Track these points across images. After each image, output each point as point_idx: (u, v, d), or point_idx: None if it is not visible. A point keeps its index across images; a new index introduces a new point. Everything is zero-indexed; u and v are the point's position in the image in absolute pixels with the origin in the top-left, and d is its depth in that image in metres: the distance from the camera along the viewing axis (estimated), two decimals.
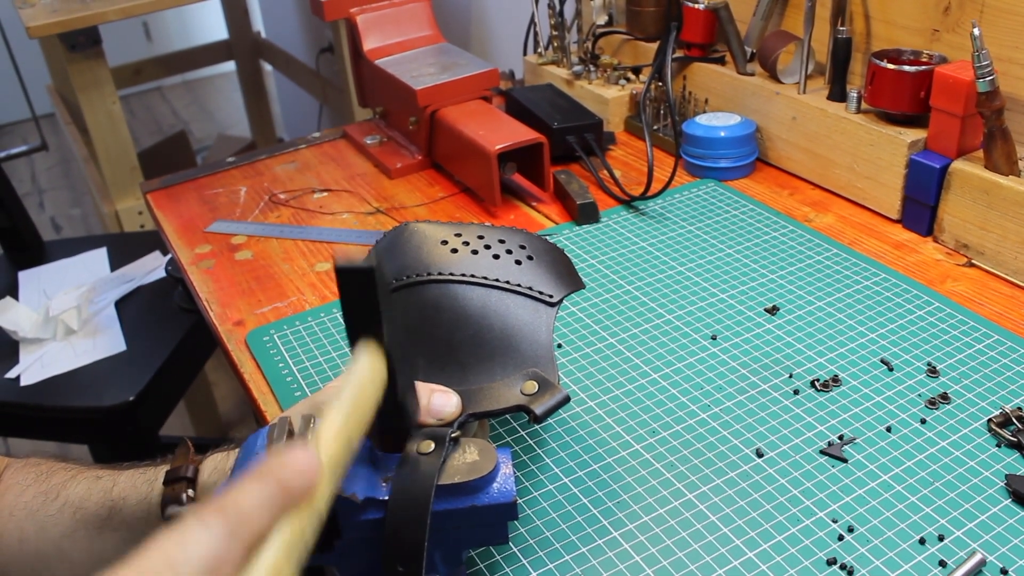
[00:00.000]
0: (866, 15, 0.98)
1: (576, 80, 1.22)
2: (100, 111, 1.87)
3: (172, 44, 3.95)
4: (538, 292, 0.63)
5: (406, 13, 1.20)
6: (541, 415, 0.56)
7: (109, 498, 0.62)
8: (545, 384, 0.57)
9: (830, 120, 0.97)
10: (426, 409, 0.55)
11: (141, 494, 0.61)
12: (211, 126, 4.03)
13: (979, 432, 0.66)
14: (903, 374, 0.72)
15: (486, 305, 0.61)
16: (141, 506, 0.60)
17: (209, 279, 0.95)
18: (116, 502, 0.61)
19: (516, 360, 0.59)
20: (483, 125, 1.04)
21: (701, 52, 1.13)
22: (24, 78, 2.51)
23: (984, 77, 0.80)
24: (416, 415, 0.54)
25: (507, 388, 0.58)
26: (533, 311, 0.61)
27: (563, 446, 0.67)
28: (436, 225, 0.66)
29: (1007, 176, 0.82)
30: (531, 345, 0.60)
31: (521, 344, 0.60)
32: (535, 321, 0.61)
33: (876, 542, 0.58)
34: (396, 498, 0.49)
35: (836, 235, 0.92)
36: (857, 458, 0.64)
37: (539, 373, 0.58)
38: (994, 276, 0.84)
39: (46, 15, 1.73)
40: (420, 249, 0.64)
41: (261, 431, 0.52)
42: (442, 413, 0.55)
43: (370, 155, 1.18)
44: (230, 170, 1.19)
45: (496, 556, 0.59)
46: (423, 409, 0.55)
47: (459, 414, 0.55)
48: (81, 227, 3.32)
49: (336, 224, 1.03)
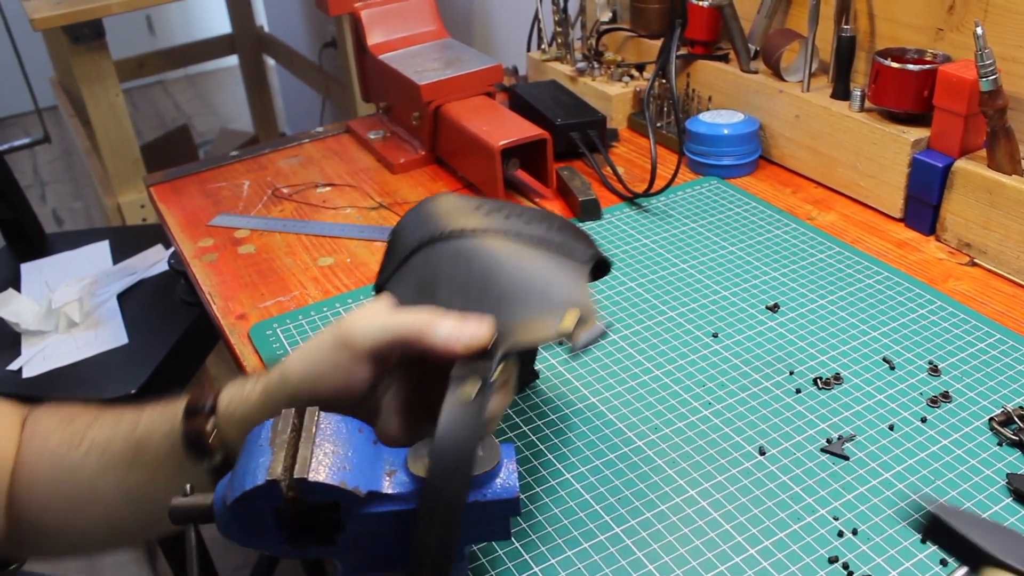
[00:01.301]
0: (870, 13, 0.98)
1: (580, 76, 1.22)
2: (103, 104, 1.87)
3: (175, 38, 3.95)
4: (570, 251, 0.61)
5: (410, 8, 1.20)
6: (580, 346, 0.54)
7: (134, 437, 0.62)
8: (584, 317, 0.55)
9: (833, 118, 0.97)
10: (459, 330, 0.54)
11: (164, 430, 0.61)
12: (213, 120, 4.03)
13: (980, 431, 0.66)
14: (905, 372, 0.72)
15: (520, 257, 0.59)
16: (165, 441, 0.60)
17: (212, 273, 0.95)
18: (141, 441, 0.62)
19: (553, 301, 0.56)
20: (487, 121, 1.04)
21: (705, 49, 1.13)
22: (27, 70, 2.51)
23: (987, 76, 0.80)
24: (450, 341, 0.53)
25: (544, 322, 0.55)
26: (567, 267, 0.60)
27: (565, 442, 0.68)
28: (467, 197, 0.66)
29: (1010, 175, 0.82)
30: (568, 291, 0.57)
31: (556, 290, 0.57)
32: (570, 275, 0.59)
33: (877, 540, 0.58)
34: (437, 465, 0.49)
35: (839, 233, 0.92)
36: (859, 456, 0.64)
37: (577, 305, 0.55)
38: (996, 275, 0.84)
39: (50, 7, 1.73)
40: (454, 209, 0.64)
41: (265, 424, 0.52)
42: (476, 336, 0.54)
43: (373, 150, 1.18)
44: (233, 164, 1.19)
45: (499, 551, 0.59)
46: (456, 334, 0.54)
47: (492, 337, 0.54)
48: (83, 220, 3.32)
49: (339, 219, 1.03)
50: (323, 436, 0.51)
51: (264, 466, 0.49)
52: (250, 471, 0.49)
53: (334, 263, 0.95)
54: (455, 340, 0.54)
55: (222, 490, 0.52)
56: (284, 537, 0.51)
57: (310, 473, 0.48)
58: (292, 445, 0.50)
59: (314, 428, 0.51)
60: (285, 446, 0.50)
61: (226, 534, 0.52)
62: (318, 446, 0.50)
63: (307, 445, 0.50)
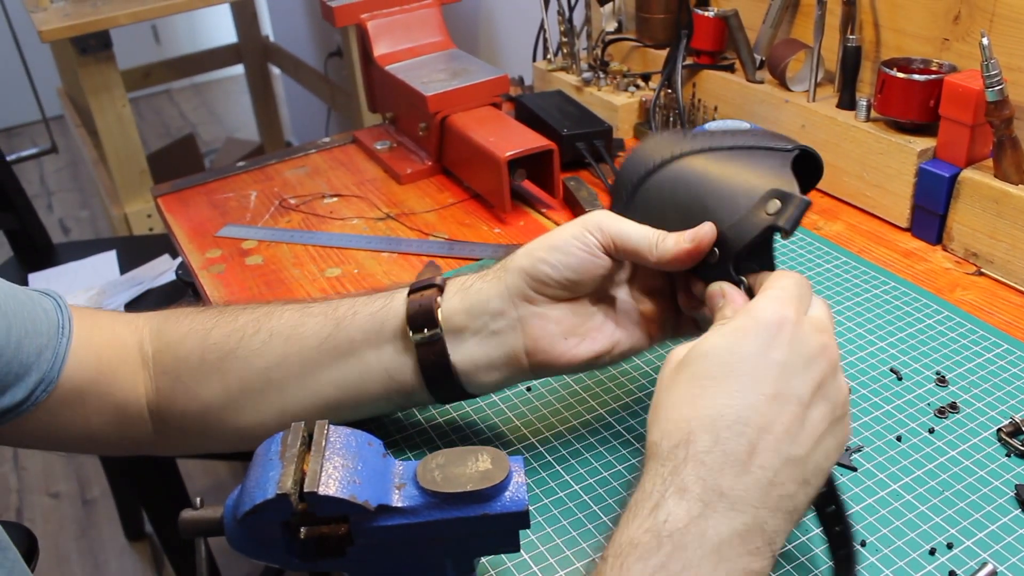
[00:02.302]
0: (876, 23, 0.98)
1: (586, 87, 1.23)
2: (110, 114, 1.88)
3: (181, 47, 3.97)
4: (768, 147, 0.62)
5: (416, 19, 1.21)
6: (789, 229, 0.56)
7: (330, 319, 0.64)
8: (786, 198, 0.57)
9: (839, 128, 0.97)
10: (687, 239, 0.59)
11: (370, 310, 0.64)
12: (219, 129, 4.04)
13: (988, 442, 0.66)
14: (912, 383, 0.72)
15: (723, 166, 0.62)
16: (370, 320, 0.64)
17: (220, 283, 0.95)
18: (340, 321, 0.64)
19: (755, 194, 0.59)
20: (493, 131, 1.04)
21: (711, 59, 1.14)
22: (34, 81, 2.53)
23: (993, 86, 0.80)
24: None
25: (753, 217, 0.58)
26: (765, 160, 0.61)
27: (574, 453, 0.68)
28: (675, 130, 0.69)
29: (1016, 185, 0.82)
30: (765, 180, 0.59)
31: (756, 182, 0.59)
32: (767, 165, 0.60)
33: (886, 551, 0.58)
34: None
35: (845, 243, 0.93)
36: (866, 467, 0.64)
37: (777, 190, 0.57)
38: (1003, 285, 0.84)
39: (58, 19, 1.74)
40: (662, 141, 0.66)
41: (275, 436, 0.53)
42: (699, 236, 0.58)
43: (380, 160, 1.19)
44: (240, 174, 1.20)
45: (508, 563, 0.59)
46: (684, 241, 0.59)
47: (715, 235, 0.58)
48: (90, 229, 3.33)
49: (346, 229, 1.04)
50: (333, 450, 0.51)
51: (274, 480, 0.49)
52: (260, 485, 0.49)
53: (341, 274, 0.95)
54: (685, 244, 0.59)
55: (232, 503, 0.52)
56: (294, 551, 0.51)
57: (320, 487, 0.48)
58: (302, 459, 0.51)
59: (324, 442, 0.51)
60: (295, 460, 0.50)
61: (236, 547, 0.52)
62: (328, 460, 0.50)
63: (317, 459, 0.50)
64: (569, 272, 0.60)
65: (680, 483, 0.46)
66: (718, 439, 0.47)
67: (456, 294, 0.63)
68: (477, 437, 0.70)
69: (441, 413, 0.72)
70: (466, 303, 0.62)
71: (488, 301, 0.62)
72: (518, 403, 0.73)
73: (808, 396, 0.49)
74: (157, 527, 1.63)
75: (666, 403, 0.50)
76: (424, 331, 0.62)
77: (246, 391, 0.65)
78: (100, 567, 1.93)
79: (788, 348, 0.50)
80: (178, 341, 0.66)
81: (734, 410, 0.48)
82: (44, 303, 0.65)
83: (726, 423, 0.47)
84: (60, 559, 1.95)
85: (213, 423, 0.66)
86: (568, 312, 0.62)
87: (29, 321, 0.62)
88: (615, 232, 0.60)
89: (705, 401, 0.48)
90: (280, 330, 0.65)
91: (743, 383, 0.48)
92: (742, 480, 0.46)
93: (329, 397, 0.65)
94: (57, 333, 0.64)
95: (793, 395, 0.49)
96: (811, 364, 0.50)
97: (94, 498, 2.11)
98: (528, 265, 0.61)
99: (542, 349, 0.61)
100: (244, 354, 0.64)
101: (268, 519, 0.50)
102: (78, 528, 2.03)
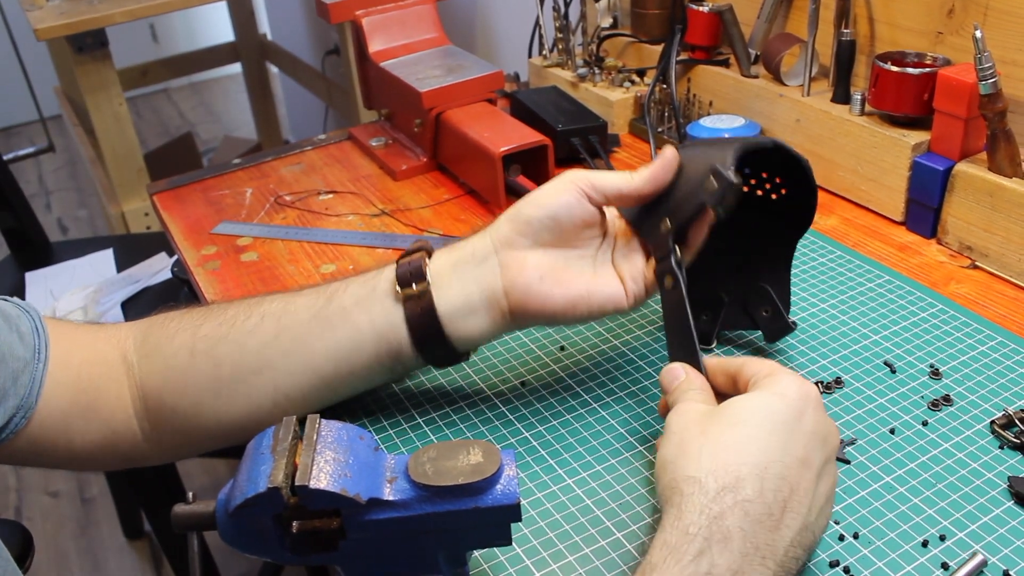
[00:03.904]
0: (870, 17, 0.98)
1: (581, 82, 1.23)
2: (107, 112, 1.88)
3: (178, 46, 3.97)
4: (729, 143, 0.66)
5: (412, 15, 1.21)
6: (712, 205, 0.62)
7: (322, 295, 0.66)
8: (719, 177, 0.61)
9: (834, 122, 0.97)
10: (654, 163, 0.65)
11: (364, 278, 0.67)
12: (217, 128, 4.04)
13: (982, 434, 0.66)
14: (906, 376, 0.72)
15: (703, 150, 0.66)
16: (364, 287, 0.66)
17: (215, 280, 0.95)
18: (333, 294, 0.66)
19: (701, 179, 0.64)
20: (488, 127, 1.04)
21: (705, 54, 1.13)
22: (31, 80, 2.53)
23: (987, 80, 0.80)
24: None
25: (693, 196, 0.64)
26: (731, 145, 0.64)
27: (567, 447, 0.68)
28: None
29: (1010, 178, 0.82)
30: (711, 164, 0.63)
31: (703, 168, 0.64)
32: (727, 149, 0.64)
33: (878, 544, 0.58)
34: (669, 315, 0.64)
35: (840, 237, 0.93)
36: (860, 460, 0.65)
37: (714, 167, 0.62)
38: (998, 278, 0.84)
39: (54, 17, 1.74)
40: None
41: (267, 431, 0.53)
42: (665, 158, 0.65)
43: (375, 157, 1.19)
44: (236, 172, 1.20)
45: (500, 557, 0.59)
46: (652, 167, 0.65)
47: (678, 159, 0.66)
48: (87, 228, 3.33)
49: (342, 226, 1.04)
50: (324, 443, 0.51)
51: (265, 474, 0.49)
52: (251, 479, 0.50)
53: (336, 270, 0.95)
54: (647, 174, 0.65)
55: (224, 497, 0.52)
56: (286, 545, 0.51)
57: (311, 480, 0.48)
58: (293, 452, 0.51)
59: (315, 435, 0.51)
60: (286, 454, 0.50)
61: (228, 542, 0.52)
62: (319, 453, 0.50)
63: (308, 452, 0.50)
64: (551, 211, 0.64)
65: (725, 530, 0.47)
66: (763, 490, 0.49)
67: (444, 252, 0.66)
68: (469, 431, 0.70)
69: (434, 407, 0.72)
70: (452, 257, 0.66)
71: (473, 252, 0.65)
72: (511, 397, 0.73)
73: (820, 468, 0.52)
74: (156, 526, 1.64)
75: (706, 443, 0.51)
76: (412, 286, 0.64)
77: (239, 375, 0.65)
78: (99, 566, 1.93)
79: (814, 421, 0.53)
80: (167, 339, 0.66)
81: (777, 465, 0.50)
82: (21, 325, 0.64)
83: (771, 475, 0.49)
84: (59, 558, 1.95)
85: (206, 415, 0.66)
86: (547, 257, 0.65)
87: (5, 345, 0.61)
88: (595, 178, 0.65)
89: (752, 449, 0.50)
90: (272, 311, 0.66)
91: (783, 441, 0.51)
92: (772, 536, 0.48)
93: (322, 370, 0.65)
94: (34, 358, 0.63)
95: (814, 463, 0.52)
96: (827, 439, 0.53)
97: (93, 497, 2.11)
98: (512, 212, 0.66)
99: (519, 289, 0.64)
100: (236, 336, 0.65)
101: (260, 513, 0.50)
102: (77, 527, 2.03)
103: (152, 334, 0.68)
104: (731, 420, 0.52)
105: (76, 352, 0.66)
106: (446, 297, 0.64)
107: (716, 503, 0.48)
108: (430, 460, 0.51)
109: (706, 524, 0.47)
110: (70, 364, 0.65)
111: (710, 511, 0.47)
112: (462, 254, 0.66)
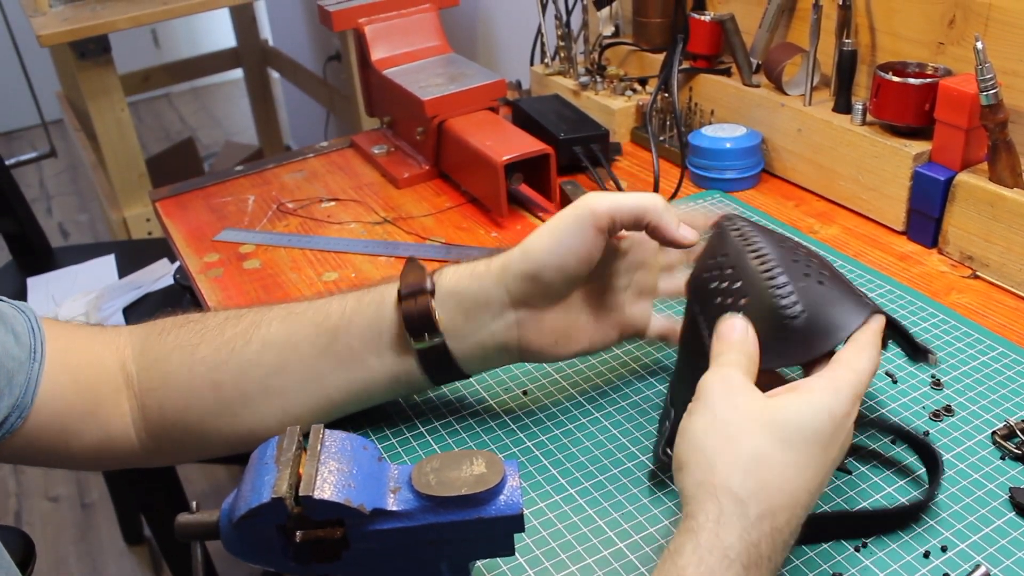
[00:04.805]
0: (871, 27, 0.98)
1: (582, 91, 1.23)
2: (109, 118, 1.88)
3: (180, 51, 3.97)
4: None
5: (414, 24, 1.21)
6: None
7: (327, 327, 0.65)
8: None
9: (835, 132, 0.97)
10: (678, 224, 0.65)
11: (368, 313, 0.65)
12: (218, 133, 4.04)
13: (983, 444, 0.66)
14: (907, 386, 0.72)
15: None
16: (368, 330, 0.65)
17: (218, 287, 0.95)
18: (337, 329, 0.65)
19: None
20: (490, 136, 1.05)
21: (707, 63, 1.14)
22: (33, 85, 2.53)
23: (988, 90, 0.80)
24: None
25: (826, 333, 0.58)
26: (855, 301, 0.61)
27: (569, 457, 0.68)
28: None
29: (1011, 188, 0.82)
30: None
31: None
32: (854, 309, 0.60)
33: (880, 554, 0.58)
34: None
35: (841, 247, 0.93)
36: (861, 470, 0.65)
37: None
38: (999, 288, 0.85)
39: (57, 23, 1.74)
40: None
41: (271, 441, 0.53)
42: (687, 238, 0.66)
43: (377, 165, 1.19)
44: (238, 178, 1.20)
45: (503, 567, 0.59)
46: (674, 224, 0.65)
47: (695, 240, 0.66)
48: (89, 233, 3.33)
49: (344, 234, 1.04)
50: (328, 454, 0.51)
51: (269, 484, 0.49)
52: (255, 489, 0.50)
53: (339, 278, 0.95)
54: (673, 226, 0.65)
55: (227, 507, 0.52)
56: (290, 555, 0.51)
57: (315, 491, 0.49)
58: (297, 463, 0.51)
59: (319, 446, 0.51)
60: (290, 464, 0.50)
61: (232, 551, 0.52)
62: (323, 464, 0.50)
63: (312, 463, 0.50)
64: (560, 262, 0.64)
65: (758, 557, 0.48)
66: (790, 519, 0.50)
67: (450, 297, 0.65)
68: (473, 441, 0.70)
69: (437, 417, 0.72)
70: (464, 306, 0.65)
71: (488, 305, 0.65)
72: (514, 407, 0.73)
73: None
74: (156, 531, 1.64)
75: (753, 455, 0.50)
76: (426, 338, 0.64)
77: (245, 397, 0.65)
78: (99, 571, 1.93)
79: (838, 451, 0.53)
80: (164, 358, 0.66)
81: (805, 496, 0.51)
82: (17, 325, 0.64)
83: (801, 505, 0.50)
84: (59, 563, 1.95)
85: (211, 430, 0.66)
86: (560, 316, 0.66)
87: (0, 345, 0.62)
88: (608, 205, 0.63)
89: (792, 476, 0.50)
90: (273, 340, 0.65)
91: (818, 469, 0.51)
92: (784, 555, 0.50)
93: (334, 399, 0.67)
94: (29, 358, 0.63)
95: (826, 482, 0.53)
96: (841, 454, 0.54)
97: (93, 502, 2.11)
98: (531, 270, 0.64)
99: (534, 349, 0.67)
100: (238, 364, 0.65)
101: (263, 523, 0.50)
102: (77, 532, 2.03)
103: (150, 347, 0.67)
104: (781, 435, 0.50)
105: (74, 353, 0.66)
106: (460, 348, 0.66)
107: (755, 529, 0.48)
108: (433, 470, 0.52)
109: (744, 550, 0.48)
110: (68, 365, 0.65)
111: (749, 537, 0.48)
112: (474, 304, 0.65)
